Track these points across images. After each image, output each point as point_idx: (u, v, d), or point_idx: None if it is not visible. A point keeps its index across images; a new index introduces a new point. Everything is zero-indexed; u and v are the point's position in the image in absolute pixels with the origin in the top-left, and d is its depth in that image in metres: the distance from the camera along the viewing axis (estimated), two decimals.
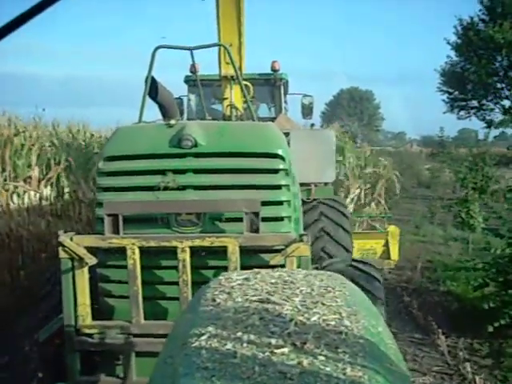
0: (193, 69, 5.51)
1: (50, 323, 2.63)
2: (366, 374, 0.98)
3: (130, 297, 2.47)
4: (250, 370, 0.99)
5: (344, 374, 0.98)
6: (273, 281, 1.40)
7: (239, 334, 1.11)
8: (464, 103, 28.57)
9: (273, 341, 1.08)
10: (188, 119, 5.54)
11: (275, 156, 2.67)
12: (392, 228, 7.18)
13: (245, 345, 1.08)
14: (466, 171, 10.59)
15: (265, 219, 2.51)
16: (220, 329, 1.14)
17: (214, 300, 1.29)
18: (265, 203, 2.52)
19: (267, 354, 1.04)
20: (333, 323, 1.15)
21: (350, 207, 9.56)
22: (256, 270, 1.55)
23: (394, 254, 6.85)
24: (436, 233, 10.03)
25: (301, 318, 1.17)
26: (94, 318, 2.55)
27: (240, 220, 2.44)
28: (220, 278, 1.47)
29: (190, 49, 3.24)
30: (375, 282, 3.07)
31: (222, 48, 4.11)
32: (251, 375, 0.98)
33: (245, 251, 2.43)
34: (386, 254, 6.81)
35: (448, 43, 27.54)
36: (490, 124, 25.04)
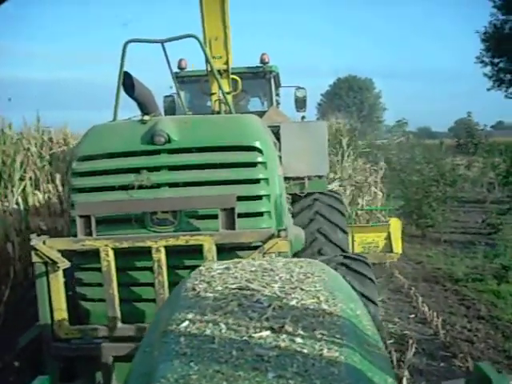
0: (181, 65, 5.76)
1: (30, 329, 2.73)
2: (342, 355, 1.08)
3: (106, 300, 2.55)
4: (227, 354, 1.08)
5: (320, 354, 1.08)
6: (253, 269, 1.51)
7: (218, 320, 1.21)
8: None
9: (251, 326, 1.18)
10: None
11: (252, 149, 2.75)
12: (393, 220, 7.23)
13: (223, 330, 1.17)
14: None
15: (243, 215, 2.61)
16: (199, 316, 1.24)
17: (193, 289, 1.40)
18: (242, 198, 2.61)
19: (245, 338, 1.14)
20: (311, 307, 1.25)
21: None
22: (237, 259, 1.66)
23: (397, 246, 6.95)
24: None
25: (279, 303, 1.27)
26: (73, 322, 2.63)
27: (217, 217, 2.51)
28: (201, 268, 1.58)
29: (161, 41, 3.32)
30: (367, 281, 3.07)
31: (209, 42, 4.22)
32: (229, 359, 1.07)
33: (222, 249, 2.52)
34: (389, 247, 6.92)
35: None
36: None
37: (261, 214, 2.75)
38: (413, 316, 5.17)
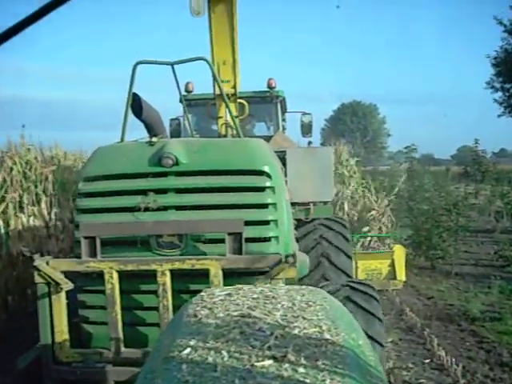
0: (188, 88, 6.04)
1: (30, 351, 2.78)
2: None
3: (109, 323, 2.60)
4: (229, 382, 1.12)
5: None
6: (255, 296, 1.56)
7: (220, 348, 1.25)
8: None
9: (253, 354, 1.22)
10: None
11: (261, 173, 2.83)
12: (397, 247, 7.40)
13: (225, 358, 1.21)
14: None
15: (251, 240, 2.67)
16: (201, 343, 1.27)
17: (195, 315, 1.44)
18: (250, 223, 2.68)
19: (247, 367, 1.17)
20: (313, 336, 1.29)
21: None
22: (239, 285, 1.70)
23: (401, 274, 7.12)
24: None
25: (281, 331, 1.31)
26: (74, 345, 2.68)
27: (224, 241, 2.58)
28: (202, 293, 1.63)
29: (171, 64, 3.43)
30: (374, 320, 3.02)
31: (217, 66, 4.41)
32: None
33: (228, 274, 2.57)
34: (392, 274, 7.12)
35: (500, 23, 22.55)
36: None
37: (268, 240, 2.80)
38: (428, 361, 4.78)
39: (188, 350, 1.25)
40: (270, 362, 1.18)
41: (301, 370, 1.16)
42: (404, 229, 10.13)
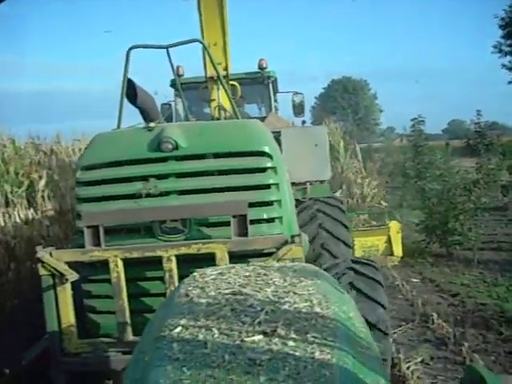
0: (178, 72, 6.23)
1: (36, 344, 2.91)
2: (334, 357, 1.21)
3: (116, 311, 2.74)
4: (219, 358, 1.22)
5: (312, 357, 1.21)
6: (246, 274, 1.67)
7: (210, 325, 1.35)
8: None
9: (243, 330, 1.32)
10: None
11: (262, 154, 2.96)
12: (393, 223, 7.78)
13: (216, 335, 1.31)
14: None
15: (254, 221, 2.80)
16: (192, 321, 1.38)
17: (187, 295, 1.55)
18: (253, 204, 2.81)
19: (237, 342, 1.27)
20: (303, 310, 1.40)
21: None
22: (231, 264, 1.82)
23: (398, 250, 7.57)
24: None
25: (272, 307, 1.41)
26: (82, 336, 2.81)
27: (228, 224, 2.71)
28: (195, 274, 1.75)
29: (166, 47, 3.61)
30: (377, 306, 3.28)
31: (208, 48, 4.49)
32: (221, 363, 1.21)
33: (234, 256, 2.68)
34: (389, 250, 7.59)
35: None
36: None
37: (272, 220, 2.93)
38: None
39: (179, 328, 1.36)
40: (260, 336, 1.29)
41: (290, 343, 1.26)
42: (410, 211, 9.91)
